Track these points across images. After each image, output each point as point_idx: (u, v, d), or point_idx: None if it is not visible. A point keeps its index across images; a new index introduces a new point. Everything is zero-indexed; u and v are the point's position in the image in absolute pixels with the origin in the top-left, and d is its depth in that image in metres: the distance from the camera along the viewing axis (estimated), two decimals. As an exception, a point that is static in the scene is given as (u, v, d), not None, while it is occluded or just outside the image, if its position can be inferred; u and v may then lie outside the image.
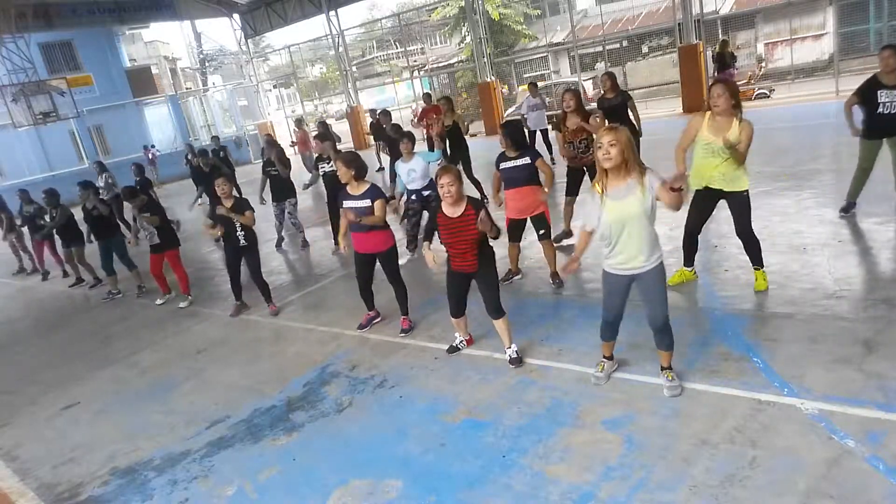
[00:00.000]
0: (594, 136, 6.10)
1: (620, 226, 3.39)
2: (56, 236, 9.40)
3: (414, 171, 6.94)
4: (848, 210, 6.03)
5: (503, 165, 5.55)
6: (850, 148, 8.68)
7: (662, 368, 3.76)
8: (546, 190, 5.55)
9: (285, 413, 4.40)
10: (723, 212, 4.99)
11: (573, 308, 5.27)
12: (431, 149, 12.42)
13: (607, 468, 3.17)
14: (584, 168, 6.48)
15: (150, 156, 22.40)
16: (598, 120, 6.25)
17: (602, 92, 8.36)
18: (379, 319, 5.64)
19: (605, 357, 3.98)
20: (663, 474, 3.05)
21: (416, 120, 13.02)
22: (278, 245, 9.31)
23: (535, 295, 5.70)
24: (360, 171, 5.10)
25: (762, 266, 4.83)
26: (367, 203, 5.02)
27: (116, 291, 8.42)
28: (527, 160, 5.41)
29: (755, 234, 4.74)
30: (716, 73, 15.79)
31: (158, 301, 7.66)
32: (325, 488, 3.47)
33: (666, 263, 5.57)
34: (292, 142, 17.68)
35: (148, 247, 7.35)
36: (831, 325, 4.12)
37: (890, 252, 5.16)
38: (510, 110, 20.32)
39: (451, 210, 4.26)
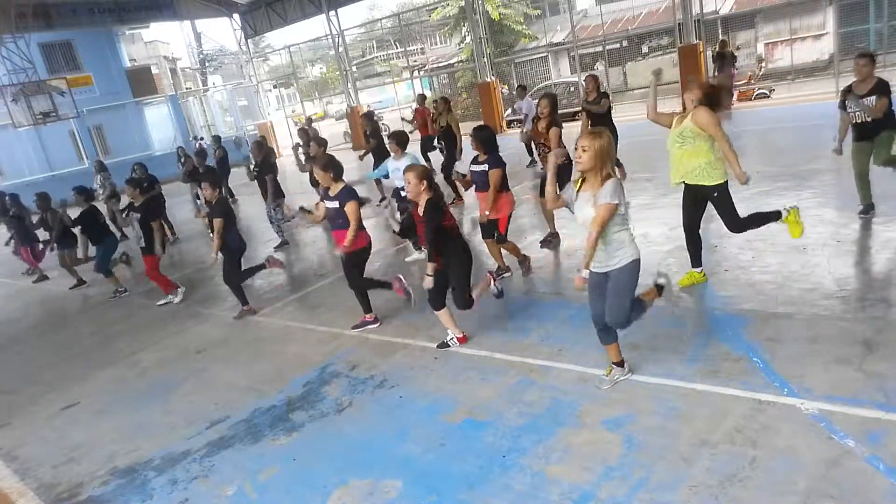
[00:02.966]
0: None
1: (583, 228, 3.55)
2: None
3: (398, 169, 6.89)
4: (867, 212, 5.93)
5: (471, 168, 5.80)
6: (850, 148, 8.67)
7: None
8: (487, 211, 5.69)
9: (285, 413, 4.40)
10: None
11: (573, 308, 5.26)
12: (424, 148, 12.50)
13: (607, 468, 3.17)
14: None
15: (198, 147, 22.64)
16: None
17: (587, 93, 8.56)
18: (375, 325, 5.58)
19: (613, 363, 3.91)
20: (663, 474, 3.05)
21: (411, 121, 13.17)
22: (279, 246, 9.27)
23: (535, 295, 5.70)
24: (337, 172, 5.26)
25: (780, 215, 4.80)
26: (336, 204, 5.18)
27: (123, 289, 8.38)
28: (485, 167, 5.61)
29: (743, 218, 4.78)
30: (716, 73, 15.85)
31: (160, 302, 7.61)
32: (325, 488, 3.47)
33: (666, 264, 5.60)
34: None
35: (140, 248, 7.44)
36: (831, 325, 4.12)
37: (890, 252, 5.16)
38: (510, 111, 20.32)
39: (420, 207, 4.51)
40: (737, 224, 4.76)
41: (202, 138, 24.21)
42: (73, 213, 8.46)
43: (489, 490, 3.20)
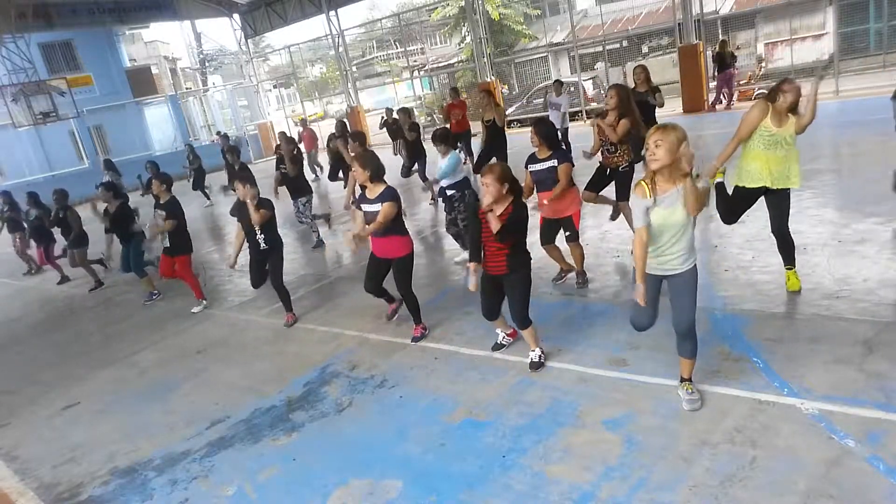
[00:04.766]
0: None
1: (663, 231, 3.27)
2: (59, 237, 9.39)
3: (442, 168, 6.72)
4: None
5: (532, 168, 5.34)
6: (850, 148, 8.69)
7: (682, 380, 3.59)
8: (545, 199, 5.35)
9: (285, 413, 4.40)
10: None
11: (573, 308, 5.27)
12: (455, 143, 12.29)
13: (607, 468, 3.17)
14: (609, 168, 6.14)
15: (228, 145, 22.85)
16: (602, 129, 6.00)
17: (635, 84, 8.26)
18: (399, 304, 5.48)
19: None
20: (663, 474, 3.05)
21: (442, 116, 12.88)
22: (316, 245, 9.09)
23: (535, 295, 5.67)
24: (376, 172, 4.89)
25: (794, 265, 4.71)
26: (379, 207, 4.78)
27: (156, 292, 7.97)
28: (553, 163, 5.22)
29: (790, 233, 4.63)
30: (716, 73, 15.85)
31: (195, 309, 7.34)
32: (325, 488, 3.47)
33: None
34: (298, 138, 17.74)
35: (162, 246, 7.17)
36: (831, 325, 4.12)
37: (890, 252, 5.16)
38: (511, 109, 20.32)
39: (497, 208, 4.09)
40: (784, 228, 4.61)
41: (225, 134, 24.41)
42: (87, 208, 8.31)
43: (489, 490, 3.20)
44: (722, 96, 15.65)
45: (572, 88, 19.59)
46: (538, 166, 5.30)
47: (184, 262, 7.08)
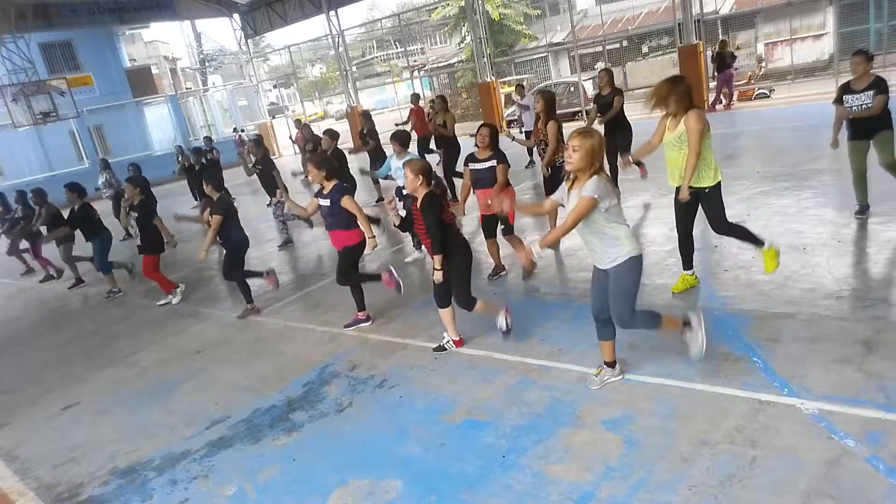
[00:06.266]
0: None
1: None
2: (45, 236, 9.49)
3: (400, 168, 6.88)
4: (863, 212, 5.96)
5: (472, 166, 5.72)
6: (846, 146, 8.67)
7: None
8: (490, 200, 5.63)
9: (285, 413, 4.40)
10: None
11: (573, 308, 5.27)
12: (421, 148, 12.52)
13: (607, 468, 3.17)
14: (549, 167, 6.58)
15: (239, 139, 23.35)
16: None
17: (599, 88, 8.42)
18: (368, 324, 5.63)
19: (605, 362, 3.93)
20: (663, 474, 3.05)
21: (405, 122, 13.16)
22: (283, 245, 9.42)
23: (535, 294, 5.70)
24: (330, 171, 5.37)
25: (763, 243, 4.68)
26: (328, 202, 5.26)
27: (117, 290, 8.44)
28: (492, 163, 5.56)
29: (732, 223, 4.73)
30: (715, 73, 15.85)
31: (160, 302, 7.64)
32: (325, 488, 3.47)
33: (664, 265, 5.61)
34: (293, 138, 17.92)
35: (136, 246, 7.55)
36: (831, 325, 4.12)
37: (890, 252, 5.16)
38: (510, 110, 20.35)
39: (418, 202, 4.49)
40: (721, 225, 4.73)
41: (243, 130, 24.86)
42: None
43: (489, 490, 3.20)
44: (721, 96, 15.66)
45: (572, 88, 19.60)
46: (478, 165, 5.68)
47: (149, 261, 7.38)
